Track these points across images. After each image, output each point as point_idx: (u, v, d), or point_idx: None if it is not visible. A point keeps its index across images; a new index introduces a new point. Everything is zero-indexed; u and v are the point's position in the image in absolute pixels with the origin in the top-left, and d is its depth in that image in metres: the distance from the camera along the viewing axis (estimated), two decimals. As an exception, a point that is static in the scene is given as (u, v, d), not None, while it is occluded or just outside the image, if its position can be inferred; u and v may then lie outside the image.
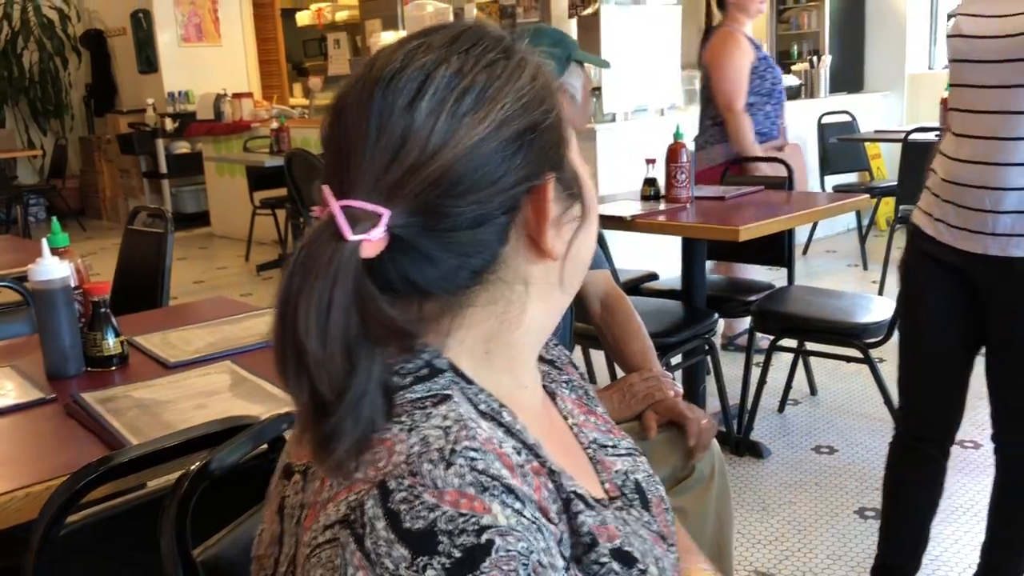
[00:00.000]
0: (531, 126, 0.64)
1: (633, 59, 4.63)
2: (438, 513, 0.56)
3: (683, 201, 2.94)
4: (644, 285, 3.32)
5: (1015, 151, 1.58)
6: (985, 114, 1.60)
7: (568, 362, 0.93)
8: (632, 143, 4.49)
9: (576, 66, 1.78)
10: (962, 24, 1.62)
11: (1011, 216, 1.61)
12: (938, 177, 1.71)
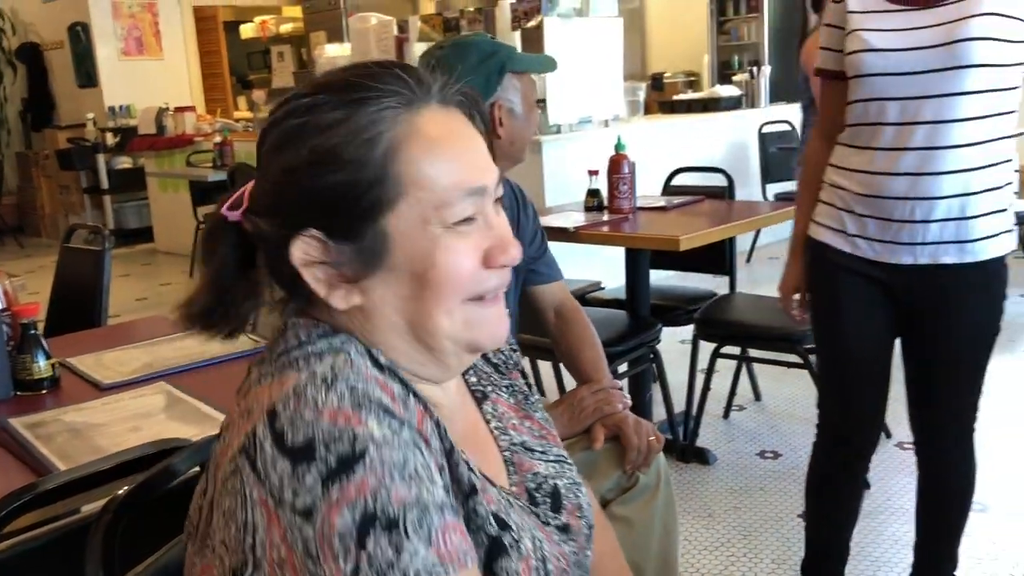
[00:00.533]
0: (309, 180, 0.73)
1: (577, 71, 4.67)
2: (317, 428, 0.65)
3: (626, 211, 2.97)
4: (590, 295, 3.34)
5: (949, 160, 1.60)
6: (918, 125, 1.60)
7: (515, 367, 0.98)
8: (577, 154, 4.52)
9: (515, 77, 1.70)
10: (871, 39, 1.63)
11: (940, 224, 1.63)
12: (850, 193, 1.71)
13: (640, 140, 4.91)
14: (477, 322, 0.79)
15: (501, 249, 0.79)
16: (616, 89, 4.97)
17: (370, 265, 0.75)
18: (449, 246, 0.75)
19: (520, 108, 1.70)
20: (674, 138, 5.24)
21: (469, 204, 0.76)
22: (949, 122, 1.59)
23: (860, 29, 1.65)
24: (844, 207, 1.73)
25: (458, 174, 0.76)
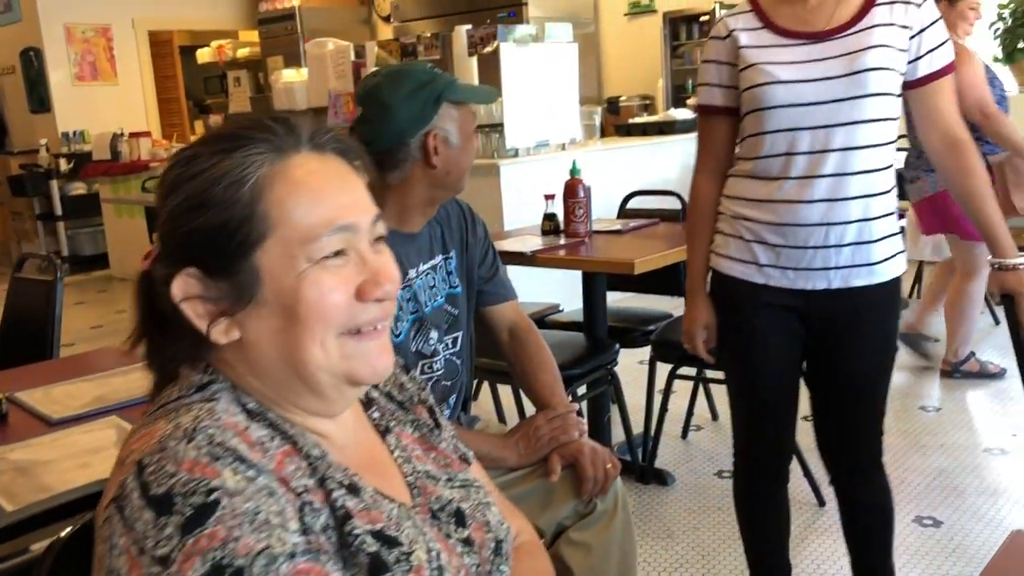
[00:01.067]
0: (186, 223, 0.80)
1: (533, 96, 4.71)
2: (175, 479, 0.70)
3: (582, 235, 3.00)
4: (548, 317, 3.36)
5: (857, 185, 1.67)
6: (830, 152, 1.65)
7: (420, 403, 1.03)
8: (535, 177, 4.55)
9: (452, 107, 1.67)
10: (777, 72, 1.66)
11: (851, 248, 1.68)
12: (760, 223, 1.73)
13: (596, 163, 4.96)
14: (354, 355, 0.83)
15: (374, 283, 0.82)
16: (572, 113, 5.02)
17: (244, 299, 0.80)
18: (315, 280, 0.80)
19: (456, 138, 1.69)
20: (630, 161, 5.29)
21: (335, 240, 0.81)
22: (857, 149, 1.66)
23: (763, 63, 1.67)
24: (754, 238, 1.74)
25: (323, 212, 0.81)
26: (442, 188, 1.72)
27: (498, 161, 4.63)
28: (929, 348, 3.97)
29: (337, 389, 0.84)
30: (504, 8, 6.88)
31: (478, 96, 1.79)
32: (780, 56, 1.67)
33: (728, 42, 1.74)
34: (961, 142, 1.72)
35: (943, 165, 1.75)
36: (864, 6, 1.66)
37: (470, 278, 1.85)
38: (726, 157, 1.82)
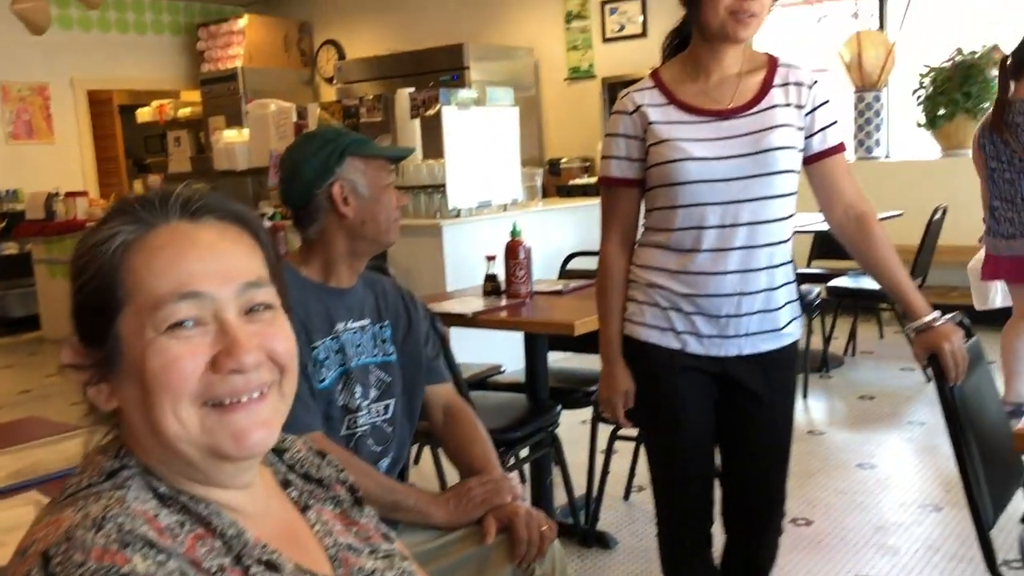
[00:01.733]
0: (71, 292, 0.83)
1: (475, 157, 4.77)
2: (85, 568, 0.69)
3: (523, 296, 3.01)
4: (490, 379, 3.35)
5: (764, 257, 1.75)
6: (740, 226, 1.73)
7: (338, 482, 1.03)
8: (477, 238, 4.58)
9: (359, 160, 1.72)
10: (690, 148, 1.72)
11: (759, 316, 1.76)
12: (675, 293, 1.77)
13: (538, 224, 5.02)
14: (216, 428, 0.81)
15: (227, 354, 0.80)
16: (514, 174, 5.09)
17: (112, 367, 0.82)
18: (159, 349, 0.79)
19: (365, 189, 1.73)
20: (570, 222, 5.36)
21: (184, 308, 0.79)
22: (764, 223, 1.74)
23: (675, 139, 1.73)
24: (670, 306, 1.78)
25: (172, 280, 0.80)
26: (363, 240, 1.75)
27: (440, 221, 4.66)
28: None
29: (208, 462, 0.82)
30: (447, 72, 6.98)
31: (385, 151, 1.84)
32: (691, 133, 1.73)
33: (636, 117, 1.78)
34: (864, 214, 1.80)
35: (848, 237, 1.83)
36: (763, 87, 1.75)
37: (415, 354, 1.86)
38: (633, 227, 1.87)
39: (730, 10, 1.66)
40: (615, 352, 1.87)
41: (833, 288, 4.75)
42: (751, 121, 1.73)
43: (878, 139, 6.18)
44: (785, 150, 1.73)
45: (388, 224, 1.75)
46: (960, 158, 5.79)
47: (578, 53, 7.42)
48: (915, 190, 5.69)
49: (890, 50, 6.06)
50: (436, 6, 8.10)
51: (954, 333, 1.74)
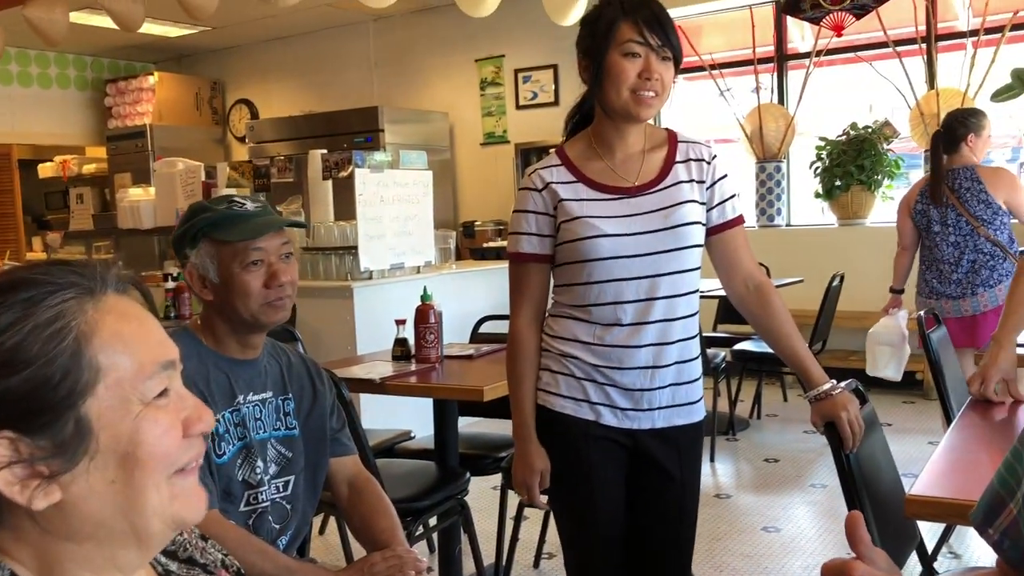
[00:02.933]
0: (14, 382, 0.73)
1: (388, 220, 4.76)
2: None
3: (433, 361, 2.99)
4: (398, 445, 3.30)
5: (678, 330, 1.79)
6: (656, 300, 1.76)
7: (223, 566, 1.01)
8: (389, 300, 4.55)
9: (211, 243, 1.64)
10: (602, 225, 1.75)
11: (672, 389, 1.80)
12: (589, 364, 1.78)
13: (450, 287, 5.02)
14: (180, 494, 0.81)
15: (197, 417, 0.82)
16: (427, 236, 5.09)
17: (71, 456, 0.75)
18: (154, 420, 0.79)
19: (216, 276, 1.65)
20: (484, 285, 5.38)
21: (163, 378, 0.80)
22: (679, 296, 1.78)
23: (587, 216, 1.76)
24: (585, 377, 1.79)
25: (148, 351, 0.80)
26: (238, 320, 1.67)
27: (351, 284, 4.61)
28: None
29: (162, 535, 0.82)
30: (361, 134, 7.00)
31: (236, 234, 1.65)
32: (602, 210, 1.76)
33: (545, 194, 1.80)
34: (762, 285, 1.86)
35: (748, 308, 1.88)
36: (666, 163, 1.81)
37: (319, 428, 1.81)
38: (543, 301, 1.88)
39: (632, 90, 1.71)
40: (529, 431, 1.85)
41: (738, 352, 4.87)
42: (658, 198, 1.77)
43: (779, 208, 6.42)
44: (692, 225, 1.78)
45: (258, 306, 1.65)
46: (856, 227, 6.06)
47: (492, 119, 7.54)
48: (814, 257, 5.92)
49: (789, 123, 6.34)
50: (352, 69, 8.15)
51: (850, 402, 1.79)
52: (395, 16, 7.70)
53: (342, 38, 8.16)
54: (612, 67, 1.72)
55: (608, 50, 1.72)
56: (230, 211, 1.66)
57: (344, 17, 7.69)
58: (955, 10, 6.08)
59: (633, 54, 1.70)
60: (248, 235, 1.65)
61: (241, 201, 1.69)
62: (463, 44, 7.50)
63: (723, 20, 6.86)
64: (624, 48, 1.71)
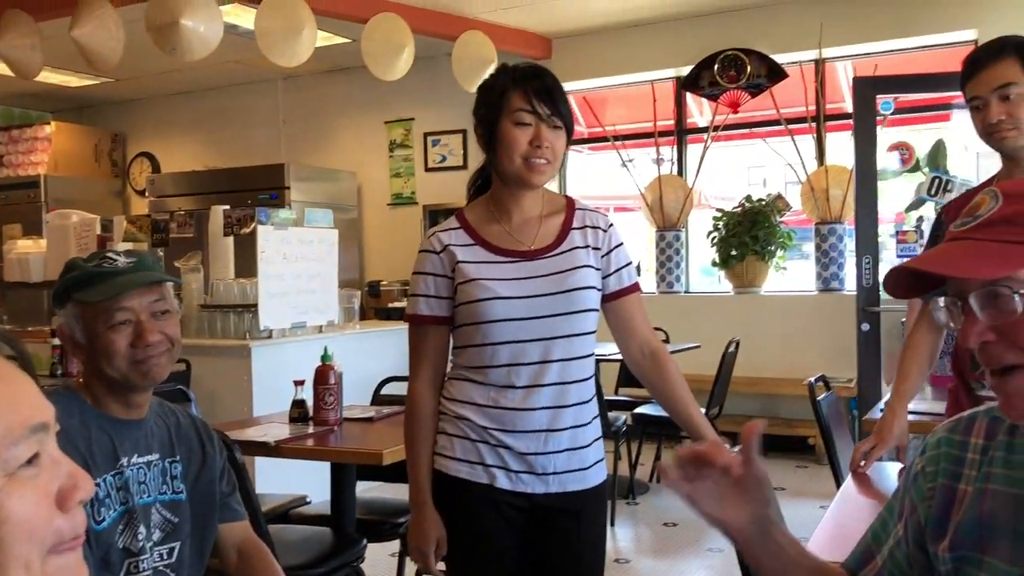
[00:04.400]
0: None
1: (291, 278, 4.69)
2: None
3: (331, 423, 2.93)
4: (294, 511, 3.20)
5: (574, 394, 1.80)
6: (552, 363, 1.77)
7: None
8: (289, 360, 4.45)
9: (76, 304, 1.58)
10: (498, 288, 1.76)
11: (567, 454, 1.79)
12: (483, 427, 1.77)
13: (354, 347, 4.95)
14: (60, 574, 0.72)
15: (73, 485, 0.73)
16: (331, 295, 5.03)
17: None
18: (17, 495, 0.69)
19: (82, 337, 1.59)
20: (389, 344, 5.33)
21: (32, 442, 0.71)
22: (574, 359, 1.80)
23: (483, 279, 1.77)
24: (479, 439, 1.78)
25: (16, 413, 0.71)
26: (114, 381, 1.60)
27: (250, 343, 4.51)
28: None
29: None
30: (266, 191, 6.92)
31: (99, 293, 1.58)
32: (498, 273, 1.78)
33: (444, 256, 1.81)
34: (657, 351, 1.90)
35: (644, 373, 1.92)
36: (563, 229, 1.84)
37: (208, 492, 1.74)
38: (442, 364, 1.87)
39: (524, 157, 1.75)
40: (425, 497, 1.81)
41: (639, 415, 4.93)
42: (555, 262, 1.80)
43: (678, 275, 6.61)
44: (587, 289, 1.81)
45: (126, 367, 1.58)
46: (751, 295, 6.27)
47: (401, 180, 7.57)
48: (711, 324, 6.09)
49: (688, 194, 6.57)
50: (259, 126, 8.09)
51: None
52: (305, 75, 7.70)
53: (250, 94, 8.10)
54: (504, 135, 1.76)
55: (500, 118, 1.76)
56: (97, 269, 1.59)
57: (253, 74, 7.65)
58: (842, 92, 6.46)
59: (524, 123, 1.75)
60: (111, 293, 1.57)
61: (113, 258, 1.62)
62: (373, 106, 7.55)
63: (626, 93, 7.10)
64: (515, 117, 1.75)
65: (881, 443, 2.16)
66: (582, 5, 6.09)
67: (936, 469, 1.07)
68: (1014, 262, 0.90)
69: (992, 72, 2.00)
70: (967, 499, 1.02)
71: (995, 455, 1.02)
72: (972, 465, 1.04)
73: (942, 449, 1.08)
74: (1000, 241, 0.92)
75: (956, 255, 0.94)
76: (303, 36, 5.22)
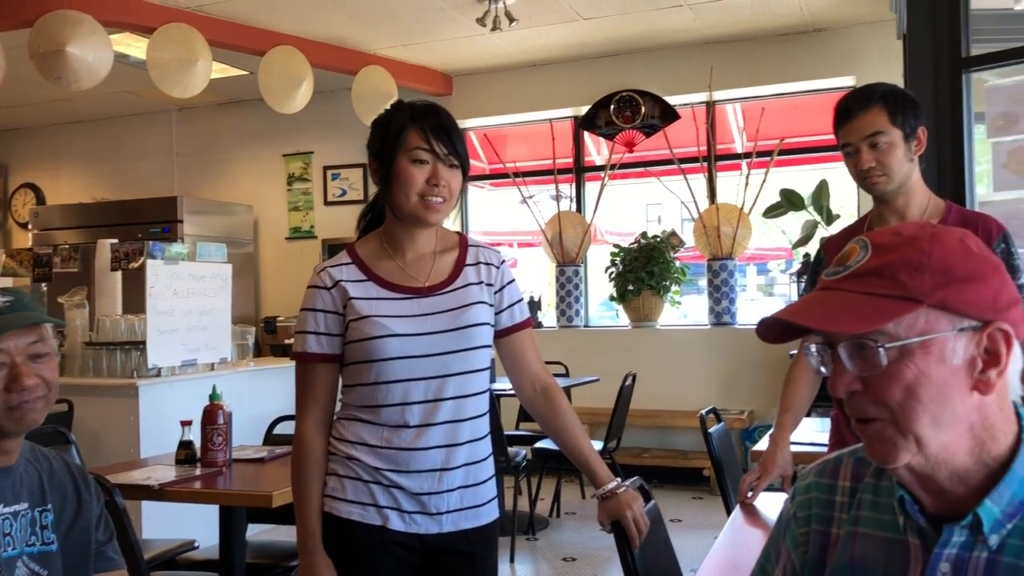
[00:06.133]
0: None
1: (181, 314, 4.55)
2: None
3: (220, 464, 2.84)
4: (181, 556, 3.07)
5: (467, 431, 1.79)
6: (445, 401, 1.75)
7: None
8: (179, 399, 4.30)
9: None
10: (391, 325, 1.74)
11: (460, 492, 1.78)
12: (371, 465, 1.74)
13: (247, 385, 4.83)
14: None
15: None
16: (224, 332, 4.90)
17: None
18: None
19: None
20: (285, 382, 5.21)
21: None
22: (468, 396, 1.79)
23: (376, 316, 1.75)
24: (372, 480, 1.74)
25: None
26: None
27: (137, 381, 4.33)
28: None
29: None
30: (158, 224, 6.73)
31: None
32: (391, 310, 1.76)
33: (335, 292, 1.78)
34: (549, 387, 1.91)
35: (536, 409, 1.92)
36: (456, 265, 1.84)
37: (82, 541, 1.65)
38: (331, 403, 1.83)
39: (420, 195, 1.75)
40: (315, 542, 1.75)
41: (539, 450, 4.94)
42: (448, 299, 1.79)
43: (577, 309, 6.69)
44: (482, 326, 1.80)
45: (2, 414, 1.50)
46: (647, 329, 6.40)
47: (299, 214, 7.46)
48: (609, 357, 6.18)
49: (587, 230, 6.68)
50: (152, 157, 7.87)
51: (635, 500, 1.85)
52: (201, 106, 7.55)
53: (142, 125, 7.88)
54: (400, 172, 1.75)
55: (397, 155, 1.76)
56: None
57: (145, 105, 7.45)
58: (732, 134, 6.71)
59: (421, 160, 1.75)
60: None
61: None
62: (271, 139, 7.44)
63: (526, 131, 7.21)
64: (412, 155, 1.75)
65: (765, 474, 2.22)
66: (482, 45, 6.17)
67: (808, 514, 1.08)
68: (879, 316, 0.90)
69: (861, 121, 2.11)
70: (839, 543, 1.04)
71: (863, 498, 1.04)
72: (842, 508, 1.05)
73: (812, 494, 1.09)
74: (867, 294, 0.92)
75: (824, 307, 0.94)
76: (198, 67, 5.12)
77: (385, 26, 5.81)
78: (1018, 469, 0.91)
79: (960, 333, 0.90)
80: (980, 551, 0.91)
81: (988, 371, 0.90)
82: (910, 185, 2.15)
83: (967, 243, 0.93)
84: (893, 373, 0.90)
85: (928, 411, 0.90)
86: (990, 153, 3.32)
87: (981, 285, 0.90)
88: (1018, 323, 0.91)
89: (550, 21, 5.77)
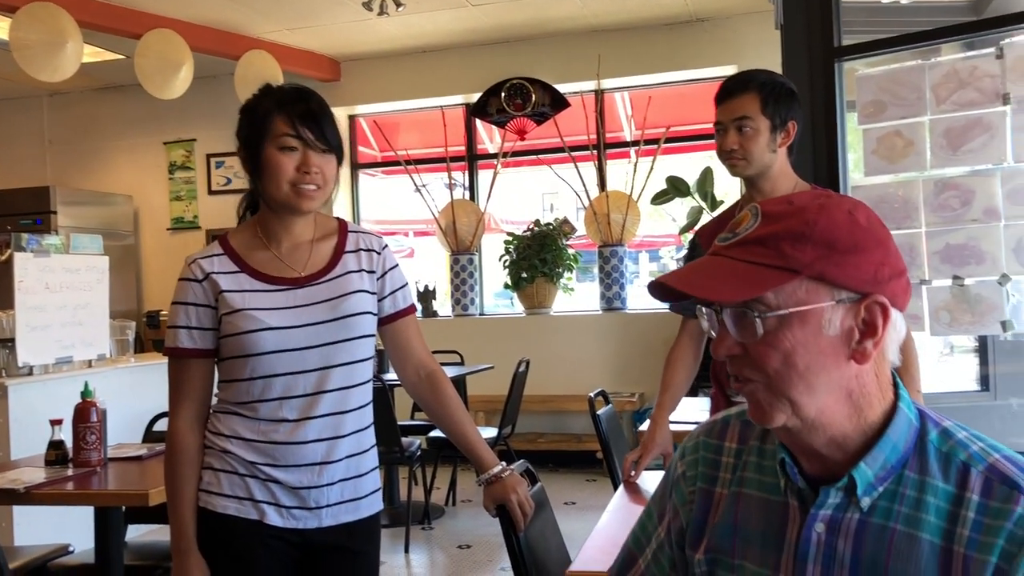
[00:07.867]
0: None
1: (53, 309, 4.32)
2: None
3: (94, 464, 2.71)
4: (53, 562, 2.92)
5: (350, 422, 1.74)
6: (326, 393, 1.70)
7: None
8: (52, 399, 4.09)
9: None
10: (265, 318, 1.68)
11: (340, 485, 1.73)
12: (247, 459, 1.69)
13: (127, 381, 4.64)
14: None
15: None
16: (101, 327, 4.68)
17: None
18: None
19: None
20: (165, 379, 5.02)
21: None
22: (352, 387, 1.74)
23: (250, 309, 1.68)
24: (248, 473, 1.70)
25: None
26: None
27: (6, 381, 4.10)
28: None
29: None
30: (30, 215, 6.39)
31: None
32: (265, 302, 1.70)
33: (206, 285, 1.71)
34: (434, 373, 1.88)
35: (420, 395, 1.89)
36: (336, 253, 1.78)
37: None
38: (206, 399, 1.76)
39: (292, 183, 1.68)
40: (188, 543, 1.68)
41: (433, 439, 4.92)
42: (327, 288, 1.73)
43: (472, 297, 6.68)
44: (363, 315, 1.75)
45: None
46: (541, 316, 6.44)
47: (182, 203, 7.21)
48: (504, 344, 6.20)
49: (480, 218, 6.68)
50: (22, 145, 7.46)
51: (519, 484, 1.84)
52: (74, 92, 7.20)
53: (10, 111, 7.47)
54: (269, 161, 1.68)
55: (265, 143, 1.68)
56: None
57: (13, 89, 7.05)
58: (621, 122, 6.81)
59: (289, 148, 1.68)
60: None
61: None
62: (150, 126, 7.16)
63: (418, 118, 7.14)
64: (280, 142, 1.68)
65: (646, 452, 2.25)
66: (370, 29, 6.07)
67: (695, 473, 1.10)
68: (757, 286, 0.90)
69: (735, 103, 2.16)
70: (723, 503, 1.05)
71: (748, 460, 1.05)
72: (727, 468, 1.07)
73: (700, 453, 1.11)
74: (749, 262, 0.92)
75: (705, 274, 0.95)
76: (67, 50, 4.87)
77: (269, 9, 5.65)
78: (891, 435, 0.93)
79: (838, 304, 0.91)
80: (852, 512, 0.93)
81: (865, 342, 0.91)
82: (772, 173, 2.22)
83: (855, 215, 0.93)
84: (771, 342, 0.91)
85: (804, 378, 0.91)
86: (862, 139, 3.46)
87: (863, 257, 0.91)
88: (899, 295, 0.93)
89: (438, 7, 5.72)
